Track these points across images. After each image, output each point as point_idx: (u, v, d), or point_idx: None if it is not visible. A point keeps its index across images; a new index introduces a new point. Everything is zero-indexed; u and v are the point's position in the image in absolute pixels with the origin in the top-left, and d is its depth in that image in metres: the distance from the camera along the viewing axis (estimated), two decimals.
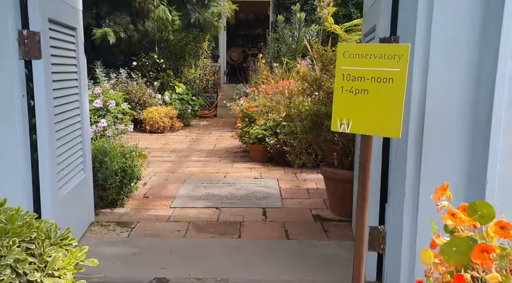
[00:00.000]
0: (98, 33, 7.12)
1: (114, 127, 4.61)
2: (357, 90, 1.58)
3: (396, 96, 1.50)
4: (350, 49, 1.58)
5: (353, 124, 1.61)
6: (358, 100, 1.58)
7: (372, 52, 1.54)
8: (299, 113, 3.08)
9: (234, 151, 5.56)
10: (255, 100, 5.40)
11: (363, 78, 1.56)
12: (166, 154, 5.35)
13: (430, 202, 1.85)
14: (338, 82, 1.61)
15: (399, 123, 1.52)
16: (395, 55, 1.50)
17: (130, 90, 7.14)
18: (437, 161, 1.76)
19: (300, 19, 7.33)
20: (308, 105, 3.00)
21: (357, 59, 1.57)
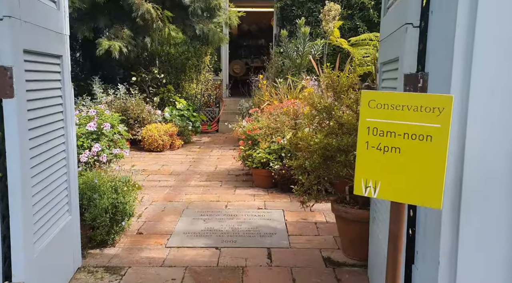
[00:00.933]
0: (104, 45, 6.86)
1: (108, 151, 4.33)
2: (386, 147, 1.29)
3: (436, 157, 1.22)
4: (378, 98, 1.30)
5: (381, 188, 1.32)
6: (387, 160, 1.29)
7: (406, 102, 1.25)
8: (308, 146, 2.79)
9: (236, 174, 5.27)
10: (258, 121, 5.12)
11: (393, 134, 1.28)
12: (164, 178, 5.06)
13: (471, 272, 1.56)
14: (362, 137, 1.32)
15: (439, 191, 1.23)
16: (435, 108, 1.21)
17: (128, 106, 6.88)
18: (480, 225, 1.46)
19: (304, 33, 7.08)
20: (318, 138, 2.72)
21: (387, 110, 1.28)
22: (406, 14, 1.77)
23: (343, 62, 8.99)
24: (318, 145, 2.68)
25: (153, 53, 8.57)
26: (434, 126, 1.20)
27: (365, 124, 1.31)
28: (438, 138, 1.20)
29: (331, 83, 3.01)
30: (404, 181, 1.26)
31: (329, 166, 2.72)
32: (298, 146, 2.91)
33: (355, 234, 2.82)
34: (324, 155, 2.67)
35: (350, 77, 2.94)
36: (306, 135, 2.85)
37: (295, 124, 4.92)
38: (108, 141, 4.46)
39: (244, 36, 14.19)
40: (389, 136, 1.27)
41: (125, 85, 7.44)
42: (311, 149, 2.76)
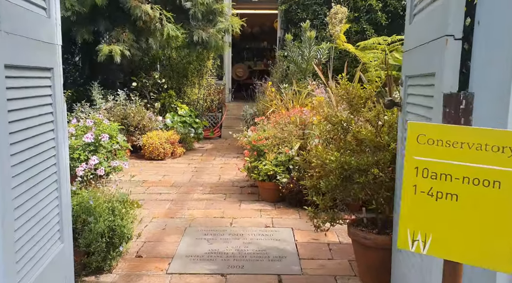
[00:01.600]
0: (104, 50, 6.62)
1: (106, 164, 4.10)
2: (440, 193, 1.05)
3: (506, 208, 0.97)
4: (430, 132, 1.05)
5: (432, 243, 1.07)
6: (441, 208, 1.05)
7: (467, 138, 1.01)
8: (323, 164, 2.55)
9: (240, 186, 5.03)
10: (264, 130, 4.88)
11: (449, 177, 1.03)
12: (165, 190, 4.82)
13: None
14: (409, 178, 1.08)
15: (509, 250, 0.98)
16: (506, 147, 0.97)
17: (128, 113, 6.65)
18: None
19: (310, 37, 6.85)
20: (335, 155, 2.47)
21: (441, 147, 1.04)
22: (446, 24, 1.53)
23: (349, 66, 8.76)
24: (335, 164, 2.43)
25: (154, 57, 8.35)
26: (504, 169, 0.96)
27: (413, 164, 1.07)
28: (509, 185, 0.95)
29: (346, 95, 2.76)
30: (462, 236, 1.02)
31: (346, 187, 2.47)
32: (311, 164, 2.67)
33: (374, 261, 2.58)
34: (342, 175, 2.43)
35: (368, 88, 2.70)
36: (321, 152, 2.61)
37: (303, 134, 4.68)
38: (106, 153, 4.22)
39: (247, 38, 13.95)
40: (444, 180, 1.03)
41: (125, 91, 7.21)
42: (326, 168, 2.51)
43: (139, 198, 4.45)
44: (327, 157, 2.56)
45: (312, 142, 4.25)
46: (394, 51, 7.63)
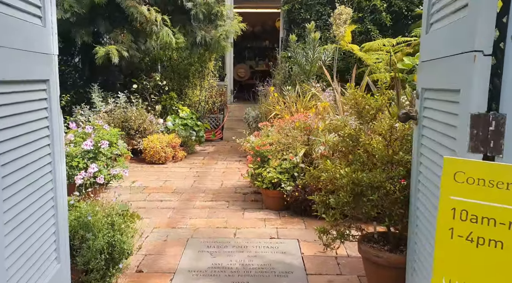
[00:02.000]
0: (100, 52, 6.49)
1: (106, 172, 3.98)
2: (482, 239, 0.93)
3: None
4: (469, 169, 0.93)
5: None
6: (482, 256, 0.93)
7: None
8: (333, 180, 2.43)
9: (243, 192, 4.91)
10: (268, 135, 4.76)
11: (493, 221, 0.91)
12: (167, 197, 4.71)
13: None
14: (444, 221, 0.96)
15: None
16: None
17: (129, 116, 6.53)
18: None
19: (315, 39, 6.71)
20: (345, 170, 2.35)
21: (483, 187, 0.92)
22: (473, 38, 1.41)
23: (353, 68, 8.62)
24: (346, 179, 2.31)
25: (155, 58, 8.23)
26: None
27: (449, 204, 0.95)
28: None
29: (355, 105, 2.64)
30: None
31: (358, 204, 2.35)
32: (320, 178, 2.55)
33: (387, 280, 2.46)
34: (353, 191, 2.31)
35: (379, 99, 2.57)
36: (330, 166, 2.49)
37: (307, 140, 4.56)
38: (106, 160, 4.11)
39: (248, 37, 13.81)
40: (487, 224, 0.91)
41: (125, 93, 7.09)
42: (337, 185, 2.39)
43: (140, 206, 4.34)
44: (337, 171, 2.44)
45: (317, 149, 4.13)
46: (399, 52, 7.51)
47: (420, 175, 2.10)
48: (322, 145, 4.04)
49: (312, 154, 4.40)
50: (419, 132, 2.12)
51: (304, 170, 4.25)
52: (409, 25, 8.97)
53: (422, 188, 2.06)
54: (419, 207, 2.10)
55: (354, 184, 2.31)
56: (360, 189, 2.30)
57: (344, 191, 2.32)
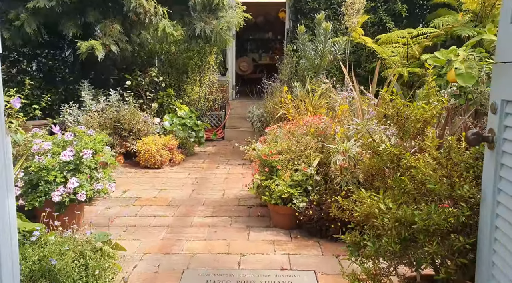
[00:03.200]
0: (83, 47, 5.89)
1: (89, 186, 3.41)
2: None
3: None
4: None
5: None
6: None
7: None
8: (370, 216, 1.85)
9: (248, 205, 4.34)
10: (276, 142, 4.17)
11: None
12: (161, 211, 4.14)
13: None
14: None
15: None
16: None
17: (121, 116, 5.95)
18: None
19: (326, 29, 6.09)
20: (389, 207, 1.77)
21: None
22: None
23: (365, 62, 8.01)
24: (390, 219, 1.73)
25: (151, 52, 7.62)
26: None
27: None
28: None
29: (397, 116, 2.05)
30: None
31: (405, 251, 1.77)
32: (352, 212, 1.97)
33: None
34: (400, 235, 1.73)
35: (428, 108, 1.98)
36: (365, 197, 1.90)
37: (322, 147, 3.97)
38: (90, 172, 3.53)
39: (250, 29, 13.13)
40: None
41: (118, 90, 6.50)
42: (376, 223, 1.81)
43: (130, 224, 3.78)
44: (375, 204, 1.86)
45: (335, 158, 3.54)
46: (416, 45, 6.88)
47: (498, 220, 1.52)
48: (340, 155, 3.45)
49: (327, 163, 3.82)
50: (496, 159, 1.53)
51: (319, 184, 3.68)
52: (424, 15, 8.34)
53: (501, 237, 1.49)
54: (497, 263, 1.52)
55: (401, 224, 1.73)
56: (410, 233, 1.72)
57: (387, 234, 1.74)
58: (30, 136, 3.82)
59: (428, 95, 2.03)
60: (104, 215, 4.01)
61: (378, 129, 3.62)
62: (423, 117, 1.96)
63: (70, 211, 3.47)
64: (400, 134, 2.08)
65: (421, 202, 1.88)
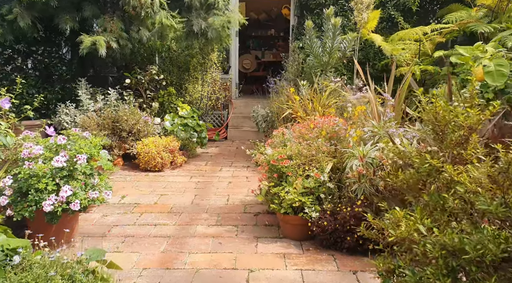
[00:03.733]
0: (86, 42, 5.61)
1: (83, 195, 3.13)
2: None
3: None
4: None
5: None
6: None
7: None
8: (409, 241, 1.57)
9: (254, 213, 4.06)
10: (285, 145, 3.89)
11: None
12: (162, 219, 3.86)
13: None
14: None
15: None
16: None
17: (120, 116, 5.67)
18: None
19: (335, 25, 5.79)
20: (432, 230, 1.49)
21: None
22: None
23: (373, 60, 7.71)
24: (434, 247, 1.45)
25: (152, 49, 7.33)
26: None
27: None
28: None
29: (435, 122, 1.77)
30: None
31: None
32: (384, 233, 1.69)
33: None
34: (447, 265, 1.45)
35: (474, 113, 1.69)
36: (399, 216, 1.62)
37: (335, 151, 3.69)
38: (85, 178, 3.25)
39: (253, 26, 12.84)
40: None
41: (117, 89, 6.22)
42: (416, 249, 1.53)
43: (128, 234, 3.51)
44: (412, 226, 1.58)
45: (351, 163, 3.26)
46: (428, 42, 6.58)
47: None
48: (358, 160, 3.17)
49: (341, 169, 3.54)
50: None
51: (333, 191, 3.40)
52: (435, 10, 8.03)
53: None
54: None
55: (447, 252, 1.45)
56: (458, 263, 1.44)
57: (432, 264, 1.46)
58: (21, 139, 3.55)
59: (472, 98, 1.74)
60: (101, 224, 3.74)
61: (397, 132, 3.34)
62: (468, 123, 1.67)
63: (63, 221, 3.20)
64: (437, 142, 1.80)
65: (462, 218, 1.60)
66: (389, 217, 1.65)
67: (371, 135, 3.55)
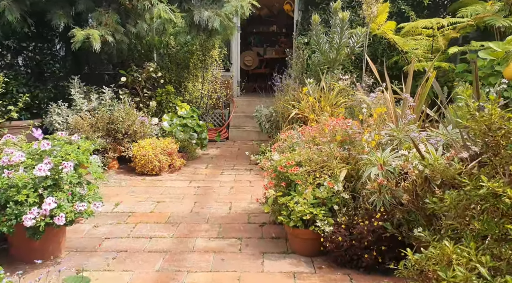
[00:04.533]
0: (79, 36, 5.24)
1: (69, 207, 2.80)
2: None
3: None
4: None
5: None
6: None
7: None
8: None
9: (259, 223, 3.73)
10: (293, 149, 3.55)
11: None
12: (158, 230, 3.53)
13: None
14: None
15: None
16: None
17: (115, 117, 5.33)
18: None
19: (343, 20, 5.43)
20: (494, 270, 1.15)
21: None
22: None
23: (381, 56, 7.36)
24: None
25: (150, 45, 6.98)
26: None
27: None
28: None
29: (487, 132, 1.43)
30: None
31: None
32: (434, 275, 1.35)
33: None
34: None
35: None
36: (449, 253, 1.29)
37: (348, 156, 3.35)
38: (72, 187, 2.92)
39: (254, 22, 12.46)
40: None
41: (112, 88, 5.87)
42: None
43: (120, 249, 3.17)
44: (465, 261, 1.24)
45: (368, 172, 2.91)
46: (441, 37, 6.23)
47: None
48: (377, 168, 2.83)
49: (356, 177, 3.21)
50: None
51: (348, 202, 3.06)
52: (446, 5, 7.67)
53: None
54: None
55: None
56: None
57: None
58: (2, 143, 3.22)
59: None
60: (91, 236, 3.41)
61: (419, 136, 3.00)
62: None
63: (48, 235, 2.87)
64: (491, 158, 1.46)
65: None
66: (435, 253, 1.31)
67: (388, 139, 3.21)
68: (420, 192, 2.59)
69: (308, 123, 4.89)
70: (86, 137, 5.14)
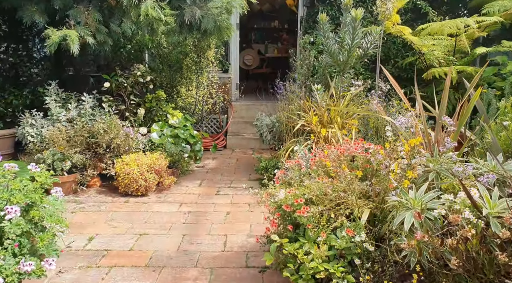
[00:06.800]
0: (54, 37, 4.57)
1: (10, 269, 2.15)
2: None
3: None
4: None
5: None
6: None
7: None
8: None
9: (259, 268, 3.07)
10: (301, 181, 2.88)
11: None
12: (135, 279, 2.88)
13: None
14: None
15: None
16: None
17: (96, 129, 4.67)
18: None
19: (356, 18, 4.75)
20: None
21: None
22: None
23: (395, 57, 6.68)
24: None
25: (140, 45, 6.31)
26: None
27: None
28: None
29: None
30: None
31: None
32: None
33: None
34: None
35: None
36: None
37: (369, 190, 2.70)
38: (19, 240, 2.27)
39: (255, 17, 11.76)
40: None
41: (95, 95, 5.21)
42: None
43: None
44: None
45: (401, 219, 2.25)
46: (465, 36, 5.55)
47: None
48: (412, 214, 2.16)
49: (381, 218, 2.55)
50: None
51: (372, 255, 2.41)
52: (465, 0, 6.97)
53: None
54: None
55: None
56: None
57: None
58: None
59: None
60: None
61: (465, 171, 2.34)
62: None
63: None
64: None
65: None
66: None
67: (421, 171, 2.55)
68: (475, 255, 1.94)
69: (315, 136, 4.24)
70: (62, 153, 4.49)
